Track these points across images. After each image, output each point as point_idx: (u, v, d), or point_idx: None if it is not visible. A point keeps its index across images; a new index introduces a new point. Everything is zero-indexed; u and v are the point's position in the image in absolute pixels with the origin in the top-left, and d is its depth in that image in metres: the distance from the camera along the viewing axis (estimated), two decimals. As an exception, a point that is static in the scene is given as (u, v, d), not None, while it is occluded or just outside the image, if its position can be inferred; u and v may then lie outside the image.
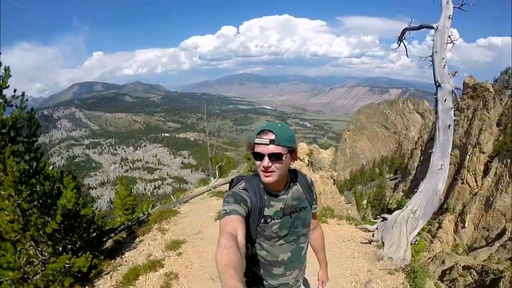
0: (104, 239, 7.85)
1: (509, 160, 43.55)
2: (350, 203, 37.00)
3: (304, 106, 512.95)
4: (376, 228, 7.85)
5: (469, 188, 44.79)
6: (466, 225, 43.66)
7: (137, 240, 8.08)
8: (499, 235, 36.82)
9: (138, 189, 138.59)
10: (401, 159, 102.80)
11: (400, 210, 7.85)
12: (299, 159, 31.27)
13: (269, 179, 1.79)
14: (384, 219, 7.95)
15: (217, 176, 18.25)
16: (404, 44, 9.32)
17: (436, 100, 7.85)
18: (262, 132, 1.77)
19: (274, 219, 1.89)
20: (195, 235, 8.11)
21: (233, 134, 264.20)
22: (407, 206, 7.71)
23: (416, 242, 8.14)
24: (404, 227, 7.33)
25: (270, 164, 1.75)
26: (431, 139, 75.38)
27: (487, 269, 23.48)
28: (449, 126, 7.64)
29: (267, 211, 1.87)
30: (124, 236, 8.80)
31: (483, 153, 47.29)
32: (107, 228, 8.34)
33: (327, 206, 25.23)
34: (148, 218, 9.83)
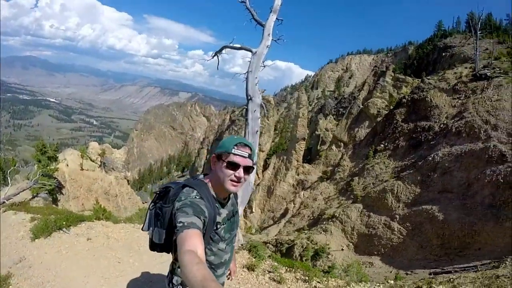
0: None
1: (285, 157, 53.36)
2: (146, 202, 34.50)
3: (92, 101, 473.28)
4: None
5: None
6: (253, 210, 50.33)
7: None
8: (283, 214, 42.58)
9: None
10: (187, 157, 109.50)
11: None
12: (91, 160, 26.14)
13: (235, 188, 1.94)
14: None
15: (9, 185, 16.16)
16: (218, 58, 9.98)
17: (247, 110, 8.87)
18: (239, 144, 1.91)
19: (222, 225, 2.02)
20: (18, 264, 6.65)
21: (9, 129, 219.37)
22: None
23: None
24: None
25: (243, 175, 1.90)
26: (217, 139, 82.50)
27: (280, 241, 25.02)
28: (257, 131, 8.86)
29: (218, 218, 1.98)
30: None
31: (263, 151, 56.05)
32: None
33: (124, 207, 24.18)
34: None
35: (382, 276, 15.15)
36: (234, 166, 1.88)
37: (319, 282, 6.03)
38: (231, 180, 1.90)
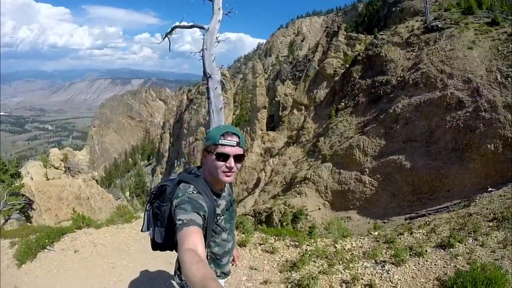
0: None
1: (248, 127, 54.32)
2: (119, 198, 33.87)
3: (43, 106, 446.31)
4: None
5: None
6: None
7: None
8: (256, 184, 43.26)
9: None
10: (151, 144, 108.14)
11: None
12: (55, 168, 24.92)
13: (230, 179, 1.93)
14: None
15: None
16: (169, 40, 9.87)
17: (208, 88, 8.82)
18: (226, 134, 1.88)
19: (222, 216, 2.05)
20: None
21: None
22: None
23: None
24: None
25: (234, 165, 1.88)
26: (177, 121, 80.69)
27: (259, 211, 25.67)
28: (221, 108, 8.84)
29: (217, 210, 2.00)
30: None
31: None
32: None
33: (98, 208, 24.84)
34: None
35: (361, 228, 16.05)
36: (223, 157, 1.86)
37: (309, 245, 6.19)
38: (223, 171, 1.89)
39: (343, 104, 29.97)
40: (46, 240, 7.66)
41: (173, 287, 4.92)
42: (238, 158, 1.90)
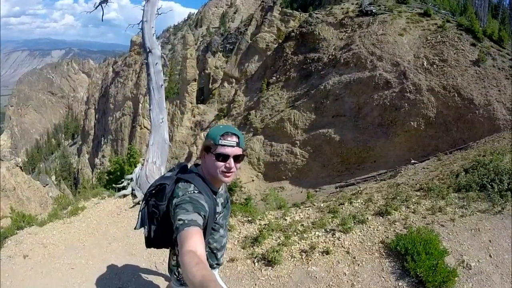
0: None
1: (177, 101, 52.54)
2: (47, 185, 31.39)
3: None
4: (132, 190, 8.07)
5: (148, 131, 48.31)
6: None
7: None
8: (188, 159, 43.10)
9: None
10: (75, 122, 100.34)
11: (140, 166, 8.57)
12: None
13: (229, 179, 1.93)
14: (131, 180, 8.35)
15: None
16: (102, 8, 9.26)
17: (148, 64, 8.40)
18: (226, 134, 1.85)
19: (221, 214, 2.09)
20: None
21: None
22: (147, 160, 8.20)
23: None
24: (157, 177, 6.12)
25: (233, 165, 1.88)
26: (103, 95, 75.47)
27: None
28: (162, 85, 8.48)
29: (217, 209, 2.03)
30: None
31: None
32: None
33: (27, 197, 22.20)
34: None
35: (295, 197, 17.09)
36: (223, 157, 1.85)
37: (261, 219, 6.30)
38: (223, 172, 1.89)
39: (274, 78, 30.60)
40: None
41: (142, 278, 4.83)
42: (238, 158, 1.89)
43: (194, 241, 1.53)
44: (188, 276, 1.34)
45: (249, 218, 6.34)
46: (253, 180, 23.94)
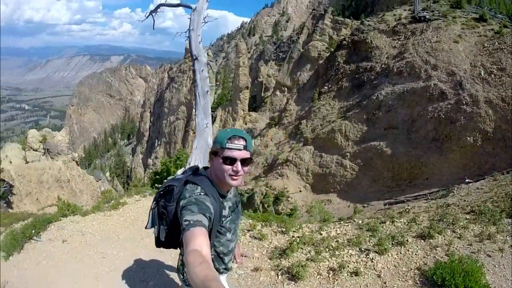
0: None
1: (230, 108, 54.02)
2: (100, 179, 33.36)
3: (19, 85, 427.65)
4: None
5: None
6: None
7: None
8: (237, 166, 42.98)
9: None
10: (131, 123, 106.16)
11: (183, 169, 7.98)
12: (34, 150, 24.15)
13: (236, 182, 1.94)
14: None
15: None
16: (153, 18, 9.60)
17: (194, 71, 8.61)
18: (233, 137, 1.88)
19: (227, 217, 2.08)
20: None
21: None
22: (189, 163, 8.42)
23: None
24: None
25: (241, 168, 1.89)
26: (158, 100, 79.17)
27: (240, 192, 25.87)
28: (207, 91, 8.63)
29: (224, 212, 2.03)
30: None
31: None
32: None
33: (80, 190, 24.36)
34: None
35: (341, 212, 16.60)
36: (230, 160, 1.87)
37: (295, 231, 6.18)
38: (230, 175, 1.90)
39: (326, 87, 30.17)
40: (33, 230, 7.37)
41: (165, 275, 4.97)
42: (245, 162, 1.90)
43: (199, 241, 1.55)
44: (191, 276, 1.34)
45: (283, 229, 6.27)
46: (300, 191, 23.66)
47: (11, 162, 22.39)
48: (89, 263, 5.92)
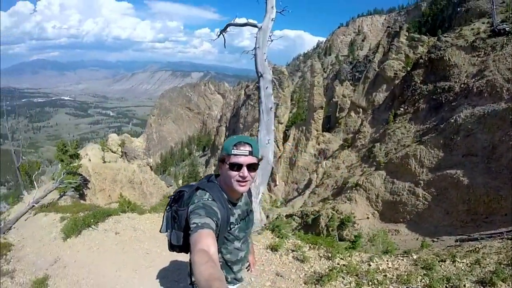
0: None
1: (304, 127, 53.18)
2: (171, 185, 35.45)
3: (105, 93, 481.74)
4: None
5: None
6: (277, 183, 50.27)
7: (-21, 300, 6.26)
8: (307, 185, 42.90)
9: None
10: (207, 136, 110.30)
11: None
12: (112, 152, 26.70)
13: (244, 188, 1.97)
14: None
15: (36, 188, 16.75)
16: (224, 37, 9.93)
17: (259, 87, 8.87)
18: (239, 144, 1.92)
19: (236, 225, 2.10)
20: (53, 265, 6.80)
21: (30, 133, 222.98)
22: None
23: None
24: (252, 195, 5.84)
25: (247, 174, 1.92)
26: (234, 116, 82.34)
27: (306, 213, 25.26)
28: (271, 108, 8.79)
29: (231, 219, 2.05)
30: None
31: (281, 123, 55.70)
32: None
33: (150, 193, 25.16)
34: (-27, 266, 7.56)
35: (408, 244, 15.41)
36: (237, 166, 1.91)
37: (342, 259, 5.96)
38: (237, 181, 1.93)
39: (402, 109, 28.70)
40: (92, 220, 8.55)
41: None
42: (252, 167, 1.94)
43: (206, 242, 1.57)
44: (196, 274, 1.35)
45: (329, 254, 6.11)
46: (368, 218, 22.55)
47: (90, 160, 24.83)
48: (133, 256, 6.60)
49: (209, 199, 1.91)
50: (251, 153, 1.92)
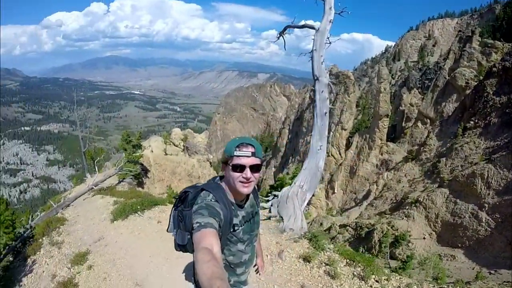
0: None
1: (367, 135, 50.29)
2: None
3: (173, 90, 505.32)
4: (271, 205, 8.81)
5: (335, 160, 50.41)
6: (335, 191, 48.95)
7: (29, 261, 7.30)
8: (365, 196, 41.19)
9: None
10: (270, 138, 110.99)
11: (289, 187, 8.84)
12: (174, 145, 28.12)
13: (248, 189, 2.00)
14: (275, 196, 9.01)
15: (96, 172, 18.01)
16: (283, 38, 9.97)
17: (314, 91, 8.71)
18: (241, 145, 1.95)
19: (240, 227, 2.11)
20: (96, 242, 7.64)
21: (100, 122, 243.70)
22: (295, 183, 8.64)
23: (305, 212, 9.54)
24: (296, 201, 8.31)
25: (250, 175, 1.95)
26: (298, 119, 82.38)
27: (360, 225, 24.29)
28: (325, 113, 8.62)
29: (235, 220, 2.07)
30: (11, 259, 7.77)
31: (345, 130, 53.39)
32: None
33: None
34: (32, 233, 8.68)
35: (463, 273, 14.30)
36: (240, 168, 1.93)
37: (377, 281, 5.64)
38: (241, 182, 1.95)
39: (472, 122, 26.47)
40: (139, 207, 9.35)
41: None
42: (255, 168, 1.96)
43: (209, 240, 1.60)
44: (198, 272, 1.37)
45: (364, 274, 5.85)
46: (424, 238, 21.18)
47: (152, 151, 26.02)
48: (168, 245, 6.92)
49: (212, 200, 1.93)
50: (254, 154, 1.94)
